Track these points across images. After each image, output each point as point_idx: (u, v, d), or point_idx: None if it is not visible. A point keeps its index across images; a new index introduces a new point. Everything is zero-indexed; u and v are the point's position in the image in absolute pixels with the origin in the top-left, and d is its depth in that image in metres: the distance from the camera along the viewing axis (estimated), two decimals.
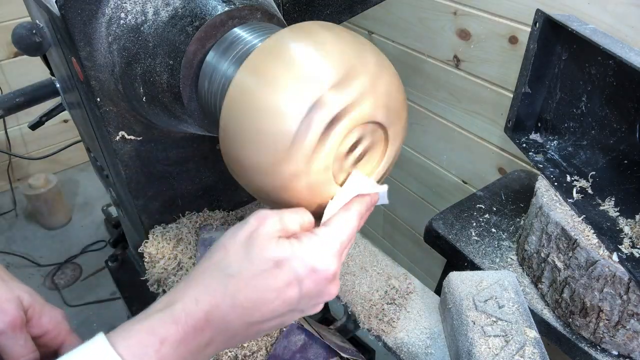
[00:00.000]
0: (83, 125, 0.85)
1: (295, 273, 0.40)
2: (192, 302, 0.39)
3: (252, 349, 0.65)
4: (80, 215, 2.10)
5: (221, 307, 0.40)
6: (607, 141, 0.75)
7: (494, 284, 0.65)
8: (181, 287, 0.41)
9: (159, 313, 0.39)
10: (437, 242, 0.90)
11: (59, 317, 0.53)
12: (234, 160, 0.45)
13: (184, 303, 0.40)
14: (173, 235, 0.78)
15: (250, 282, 0.40)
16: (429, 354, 0.66)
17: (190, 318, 0.39)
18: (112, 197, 0.89)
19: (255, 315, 0.41)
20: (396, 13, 1.29)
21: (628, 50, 0.65)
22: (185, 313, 0.39)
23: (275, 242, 0.41)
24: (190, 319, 0.39)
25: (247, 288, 0.40)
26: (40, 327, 0.51)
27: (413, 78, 1.33)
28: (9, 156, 2.06)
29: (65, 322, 0.53)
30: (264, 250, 0.40)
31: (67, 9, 0.56)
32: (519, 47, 1.02)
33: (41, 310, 0.51)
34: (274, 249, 0.40)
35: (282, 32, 0.43)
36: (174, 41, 0.54)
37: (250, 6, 0.55)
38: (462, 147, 1.27)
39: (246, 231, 0.42)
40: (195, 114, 0.58)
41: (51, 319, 0.52)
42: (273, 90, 0.41)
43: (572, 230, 0.66)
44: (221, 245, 0.42)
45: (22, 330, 0.49)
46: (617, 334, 0.64)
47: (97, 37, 0.59)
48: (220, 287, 0.40)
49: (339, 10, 0.77)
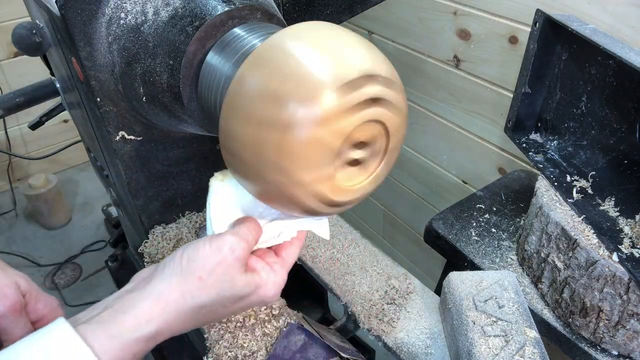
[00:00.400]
0: (83, 125, 0.85)
1: (250, 304, 0.49)
2: (145, 320, 0.43)
3: (252, 349, 0.65)
4: (80, 215, 2.10)
5: (173, 328, 0.45)
6: (607, 141, 0.75)
7: (494, 284, 0.65)
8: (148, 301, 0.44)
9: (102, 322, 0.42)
10: (437, 242, 0.90)
11: (54, 303, 0.54)
12: (235, 161, 0.45)
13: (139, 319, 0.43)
14: (173, 235, 0.78)
15: (213, 310, 0.46)
16: (429, 354, 0.66)
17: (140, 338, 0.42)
18: (112, 197, 0.89)
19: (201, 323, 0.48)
20: (396, 13, 1.29)
21: (628, 50, 0.65)
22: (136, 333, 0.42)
23: (243, 278, 0.46)
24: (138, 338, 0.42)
25: (208, 315, 0.46)
26: (37, 312, 0.52)
27: (413, 78, 1.33)
28: (9, 156, 2.06)
29: (60, 309, 0.55)
30: (233, 288, 0.46)
31: (67, 9, 0.56)
32: (519, 47, 1.02)
33: (37, 296, 0.53)
34: (242, 287, 0.46)
35: (283, 32, 0.43)
36: (174, 41, 0.54)
37: (250, 6, 0.55)
38: (462, 147, 1.27)
39: (219, 260, 0.45)
40: (195, 114, 0.58)
41: (47, 304, 0.53)
42: (273, 90, 0.40)
43: (572, 230, 0.66)
44: (194, 273, 0.45)
45: (21, 314, 0.50)
46: (617, 334, 0.64)
47: (97, 37, 0.59)
48: (189, 318, 0.45)
49: (339, 10, 0.77)
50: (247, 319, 0.68)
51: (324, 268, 0.77)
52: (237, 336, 0.66)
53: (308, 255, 0.80)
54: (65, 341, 0.39)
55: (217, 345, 0.65)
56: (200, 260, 0.45)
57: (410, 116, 1.30)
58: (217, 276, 0.45)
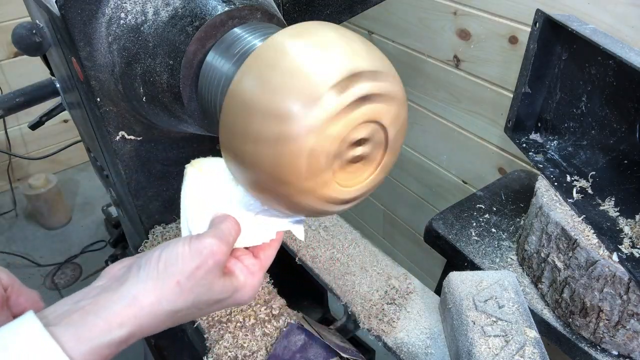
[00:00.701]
0: (83, 125, 0.85)
1: (226, 306, 0.48)
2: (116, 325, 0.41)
3: (252, 349, 0.65)
4: (80, 215, 2.10)
5: (145, 331, 0.43)
6: (607, 141, 0.75)
7: (494, 284, 0.65)
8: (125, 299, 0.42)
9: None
10: (437, 242, 0.90)
11: (35, 297, 0.54)
12: (235, 161, 0.45)
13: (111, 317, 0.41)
14: (173, 235, 0.78)
15: (188, 313, 0.45)
16: (429, 354, 0.66)
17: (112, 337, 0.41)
18: (112, 197, 0.89)
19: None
20: (396, 13, 1.29)
21: (628, 50, 0.65)
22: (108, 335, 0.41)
23: (221, 283, 0.46)
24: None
25: (182, 317, 0.45)
26: (19, 306, 0.52)
27: (413, 78, 1.33)
28: (9, 156, 2.05)
29: (42, 302, 0.54)
30: (210, 292, 0.45)
31: (67, 9, 0.56)
32: (519, 47, 1.02)
33: (19, 290, 0.52)
34: (219, 292, 0.46)
35: (283, 32, 0.43)
36: (174, 41, 0.54)
37: (250, 6, 0.55)
38: (462, 147, 1.27)
39: (198, 264, 0.44)
40: (195, 114, 0.58)
41: (28, 298, 0.53)
42: (273, 90, 0.40)
43: (572, 230, 0.66)
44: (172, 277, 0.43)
45: (3, 308, 0.49)
46: (617, 334, 0.64)
47: (97, 37, 0.59)
48: (162, 322, 0.44)
49: (339, 10, 0.77)
50: (247, 319, 0.68)
51: (324, 268, 0.77)
52: (237, 336, 0.66)
53: (308, 255, 0.80)
54: (34, 340, 0.37)
55: (217, 345, 0.65)
56: (179, 264, 0.43)
57: (410, 116, 1.30)
58: (195, 280, 0.43)
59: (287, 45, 0.42)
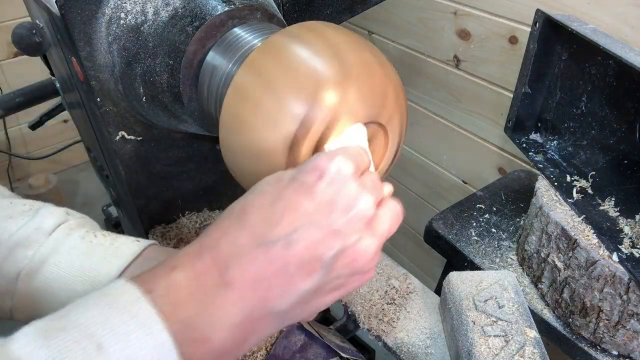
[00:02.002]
0: (83, 125, 0.85)
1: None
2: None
3: (252, 349, 0.65)
4: None
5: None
6: (607, 141, 0.75)
7: (494, 284, 0.65)
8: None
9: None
10: (437, 242, 0.90)
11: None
12: (234, 160, 0.45)
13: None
14: (173, 235, 0.78)
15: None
16: (429, 354, 0.66)
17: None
18: (112, 197, 0.89)
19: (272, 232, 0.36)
20: (396, 13, 1.29)
21: (628, 50, 0.65)
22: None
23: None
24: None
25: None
26: None
27: (413, 78, 1.33)
28: (9, 156, 2.05)
29: None
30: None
31: (67, 9, 0.56)
32: (519, 47, 1.02)
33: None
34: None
35: (282, 32, 0.43)
36: (174, 41, 0.54)
37: (250, 6, 0.55)
38: (462, 147, 1.27)
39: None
40: (195, 114, 0.58)
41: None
42: (273, 90, 0.40)
43: (572, 230, 0.66)
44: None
45: None
46: (617, 334, 0.64)
47: (97, 37, 0.59)
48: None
49: (339, 10, 0.77)
50: None
51: None
52: None
53: None
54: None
55: None
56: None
57: (410, 116, 1.30)
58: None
59: (287, 45, 0.42)
